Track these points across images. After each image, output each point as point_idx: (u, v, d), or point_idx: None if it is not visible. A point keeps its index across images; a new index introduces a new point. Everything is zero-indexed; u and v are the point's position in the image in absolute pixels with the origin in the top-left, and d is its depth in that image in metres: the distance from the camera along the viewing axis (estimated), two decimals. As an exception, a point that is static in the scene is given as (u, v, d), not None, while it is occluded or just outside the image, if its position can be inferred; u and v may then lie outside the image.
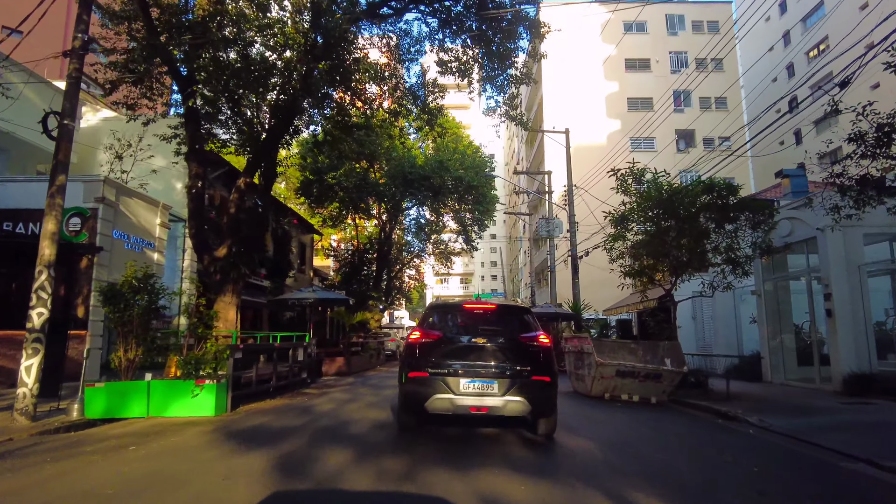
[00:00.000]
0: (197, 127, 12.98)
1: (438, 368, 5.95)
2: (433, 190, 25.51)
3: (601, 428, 7.47)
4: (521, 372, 5.92)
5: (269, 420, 7.50)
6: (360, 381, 14.21)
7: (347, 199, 25.24)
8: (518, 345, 6.14)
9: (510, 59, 14.01)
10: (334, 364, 16.19)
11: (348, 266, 28.87)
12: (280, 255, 23.84)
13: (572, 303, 21.24)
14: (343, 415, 7.95)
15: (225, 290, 13.46)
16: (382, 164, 26.19)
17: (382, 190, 24.82)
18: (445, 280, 76.22)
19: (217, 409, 8.01)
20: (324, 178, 25.31)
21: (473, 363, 5.98)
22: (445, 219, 32.06)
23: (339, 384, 13.50)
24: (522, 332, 6.26)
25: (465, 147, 26.94)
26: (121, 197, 13.99)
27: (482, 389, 5.86)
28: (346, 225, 30.92)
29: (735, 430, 7.44)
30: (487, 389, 5.85)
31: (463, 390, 5.85)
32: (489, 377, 5.90)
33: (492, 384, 5.86)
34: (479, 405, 5.82)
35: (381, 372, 18.13)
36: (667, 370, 10.40)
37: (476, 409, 5.82)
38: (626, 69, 40.73)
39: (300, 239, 27.38)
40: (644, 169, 13.11)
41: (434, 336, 6.21)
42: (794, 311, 13.50)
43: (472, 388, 5.87)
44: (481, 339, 6.10)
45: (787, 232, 12.30)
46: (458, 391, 5.85)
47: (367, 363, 18.74)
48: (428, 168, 25.17)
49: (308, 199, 26.50)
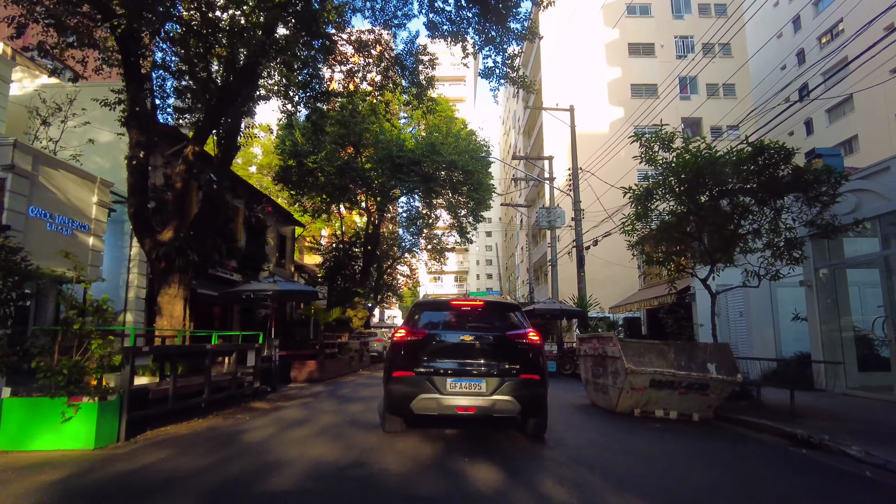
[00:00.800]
0: (140, 87, 10.69)
1: (424, 367, 5.76)
2: (424, 177, 23.18)
3: (651, 468, 5.11)
4: (510, 370, 5.75)
5: (164, 458, 5.10)
6: (330, 391, 11.81)
7: (329, 186, 22.82)
8: (506, 342, 5.94)
9: (510, 14, 11.92)
10: (304, 369, 13.79)
11: (332, 260, 26.46)
12: (254, 246, 21.42)
13: (577, 298, 18.98)
14: (275, 449, 5.54)
15: (170, 281, 11.10)
16: (370, 151, 23.81)
17: (368, 175, 22.41)
18: (440, 278, 73.93)
19: (100, 438, 5.61)
20: (303, 162, 22.92)
21: (460, 362, 5.79)
22: (439, 212, 29.71)
23: (303, 394, 11.10)
24: (510, 330, 6.05)
25: (459, 130, 24.56)
26: (41, 167, 11.50)
27: (469, 389, 5.68)
28: (333, 217, 28.54)
29: (844, 471, 5.12)
30: (475, 389, 5.67)
31: (450, 390, 5.67)
32: (477, 376, 5.71)
33: (479, 383, 5.69)
34: (466, 405, 5.63)
35: (362, 377, 15.73)
36: (715, 379, 8.08)
37: (463, 410, 5.63)
38: (630, 54, 38.61)
39: (280, 231, 24.96)
40: (674, 133, 10.80)
41: (420, 334, 5.99)
42: (852, 305, 11.26)
43: (459, 387, 5.69)
44: (468, 336, 5.92)
45: (850, 208, 10.02)
46: (445, 391, 5.66)
47: (346, 367, 16.35)
48: (418, 152, 22.82)
49: (286, 185, 24.08)
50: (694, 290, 15.75)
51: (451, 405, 5.62)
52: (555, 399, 8.86)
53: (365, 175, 21.98)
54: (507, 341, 5.93)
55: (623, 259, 29.00)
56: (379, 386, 7.33)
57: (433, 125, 23.35)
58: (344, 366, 16.26)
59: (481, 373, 5.72)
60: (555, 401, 8.72)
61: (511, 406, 5.66)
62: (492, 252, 76.32)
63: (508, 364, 5.76)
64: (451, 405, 5.61)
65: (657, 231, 11.42)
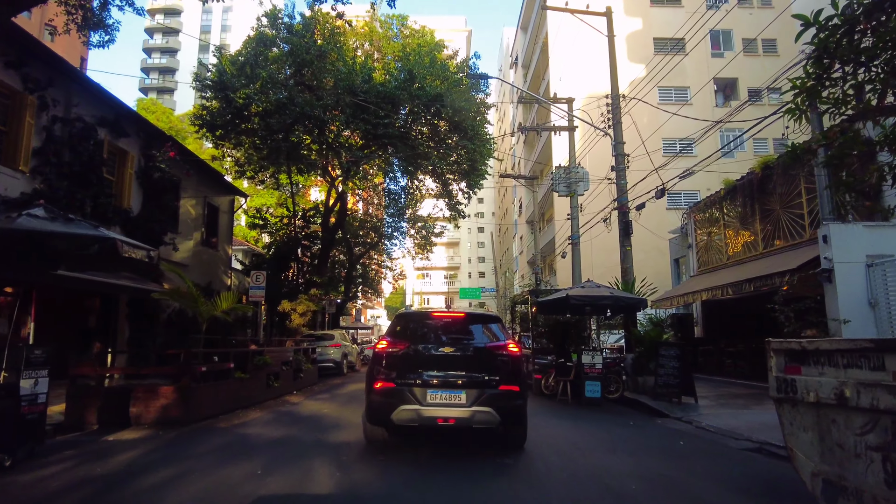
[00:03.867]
0: None
1: (405, 379, 5.74)
2: (398, 130, 16.88)
3: None
4: (490, 381, 5.75)
5: None
6: (169, 454, 5.46)
7: (265, 130, 16.33)
8: (486, 354, 6.00)
9: None
10: (153, 402, 7.32)
11: (279, 241, 20.03)
12: (153, 209, 14.82)
13: (620, 283, 12.70)
14: None
15: None
16: (322, 80, 17.31)
17: (318, 116, 15.94)
18: (427, 275, 67.40)
19: None
20: (231, 98, 16.43)
21: (441, 373, 5.78)
22: (422, 178, 23.27)
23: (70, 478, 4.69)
24: (490, 342, 6.13)
25: (446, 60, 18.14)
26: None
27: (449, 400, 5.69)
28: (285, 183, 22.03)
29: None
30: (455, 400, 5.68)
31: (430, 401, 5.67)
32: (456, 387, 5.72)
33: (459, 394, 5.70)
34: (446, 416, 5.63)
35: (287, 408, 9.35)
36: None
37: (443, 421, 5.63)
38: (652, 3, 32.53)
39: (210, 200, 18.45)
40: None
41: (401, 346, 5.98)
42: None
43: (439, 398, 5.70)
44: (449, 348, 5.98)
45: None
46: (425, 402, 5.66)
47: (256, 391, 9.86)
48: (390, 87, 16.41)
49: (211, 132, 17.57)
50: (831, 261, 9.48)
51: (431, 416, 5.61)
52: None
53: (314, 115, 15.55)
54: (487, 353, 6.00)
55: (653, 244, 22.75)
56: (318, 430, 6.43)
57: (412, 50, 16.99)
58: (253, 390, 9.76)
59: (461, 384, 5.73)
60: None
61: (490, 417, 5.64)
62: (484, 249, 69.96)
63: (488, 376, 5.78)
64: (432, 416, 5.62)
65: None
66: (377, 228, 29.23)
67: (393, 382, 5.70)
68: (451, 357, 5.88)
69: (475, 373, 5.78)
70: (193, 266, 17.11)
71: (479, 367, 5.84)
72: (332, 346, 16.48)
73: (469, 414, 5.58)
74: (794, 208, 12.53)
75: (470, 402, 5.62)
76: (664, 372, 10.58)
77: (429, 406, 5.60)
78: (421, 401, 5.61)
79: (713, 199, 16.33)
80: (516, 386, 5.80)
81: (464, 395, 5.64)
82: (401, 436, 6.51)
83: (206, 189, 18.33)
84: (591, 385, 10.39)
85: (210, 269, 18.55)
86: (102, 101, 12.55)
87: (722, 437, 7.32)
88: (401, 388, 5.66)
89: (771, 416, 8.42)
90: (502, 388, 5.71)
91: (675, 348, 10.55)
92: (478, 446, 6.33)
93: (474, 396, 5.63)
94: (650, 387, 11.31)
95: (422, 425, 5.71)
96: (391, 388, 5.69)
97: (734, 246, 15.49)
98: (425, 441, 6.47)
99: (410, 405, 5.57)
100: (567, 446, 6.54)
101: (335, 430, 7.19)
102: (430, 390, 5.65)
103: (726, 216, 15.79)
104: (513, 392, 5.75)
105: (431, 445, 6.32)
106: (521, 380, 5.94)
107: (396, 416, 5.59)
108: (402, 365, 5.80)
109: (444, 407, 5.62)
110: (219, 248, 19.71)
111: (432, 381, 5.67)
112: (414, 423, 5.65)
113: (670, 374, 10.44)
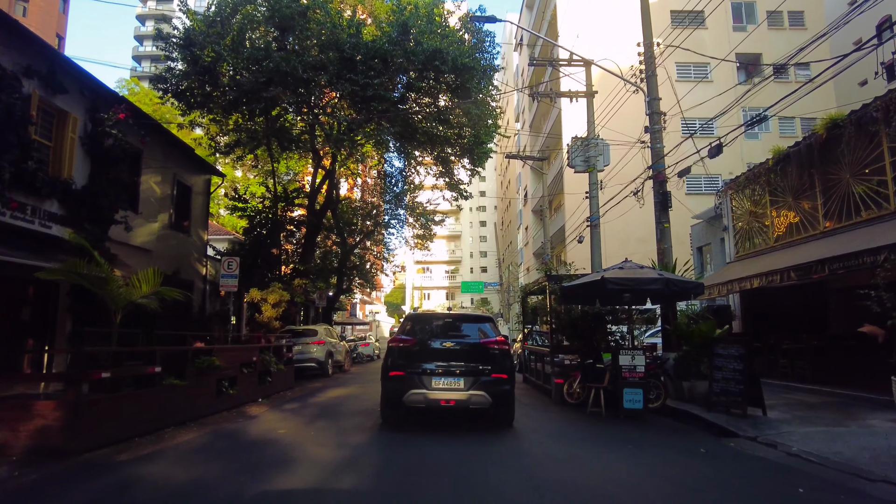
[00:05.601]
0: None
1: (414, 368, 6.76)
2: (389, 87, 14.59)
3: None
4: (483, 370, 6.78)
5: None
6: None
7: (236, 91, 14.01)
8: (480, 348, 7.01)
9: None
10: (26, 423, 5.06)
11: (258, 223, 17.75)
12: (101, 181, 12.51)
13: (657, 264, 10.40)
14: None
15: None
16: (305, 44, 14.99)
17: (298, 76, 13.59)
18: (428, 269, 65.09)
19: None
20: (198, 56, 14.13)
21: (443, 364, 6.80)
22: (424, 161, 20.91)
23: None
24: (484, 338, 7.11)
25: (446, 16, 15.74)
26: None
27: (450, 385, 6.69)
28: (264, 162, 19.73)
29: None
30: (455, 385, 6.68)
31: (434, 386, 6.66)
32: (456, 375, 6.73)
33: (458, 381, 6.69)
34: (447, 398, 6.62)
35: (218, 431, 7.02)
36: None
37: (445, 402, 6.62)
38: (670, -29, 30.17)
39: (180, 179, 16.25)
40: None
41: (410, 341, 7.00)
42: None
43: (442, 384, 6.68)
44: (450, 343, 7.04)
45: None
46: (430, 387, 6.64)
47: (204, 403, 7.57)
48: (381, 44, 14.08)
49: (177, 98, 15.28)
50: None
51: (435, 399, 6.62)
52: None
53: (293, 72, 13.23)
54: (481, 347, 7.03)
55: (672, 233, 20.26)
56: (251, 469, 5.04)
57: (409, 9, 14.61)
58: (195, 401, 7.46)
59: (460, 372, 6.75)
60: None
61: (484, 400, 6.66)
62: (487, 243, 67.55)
63: (482, 365, 6.83)
64: (436, 399, 6.62)
65: None
66: (373, 216, 26.93)
67: (404, 371, 6.73)
68: (452, 350, 6.95)
69: (471, 363, 6.82)
70: (158, 251, 14.88)
71: (475, 358, 6.88)
72: (314, 343, 14.16)
73: (466, 397, 6.60)
74: (871, 175, 10.22)
75: (467, 387, 6.65)
76: (722, 376, 8.30)
77: (433, 390, 6.61)
78: (427, 386, 6.62)
79: (758, 171, 13.98)
80: (505, 374, 6.89)
81: (462, 381, 6.68)
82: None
83: (176, 165, 16.06)
84: (630, 393, 8.11)
85: (179, 256, 16.29)
86: (29, 46, 10.25)
87: (841, 475, 5.04)
88: (410, 376, 6.68)
89: (886, 439, 6.13)
90: (494, 376, 6.78)
91: (736, 346, 8.26)
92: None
93: (471, 382, 6.67)
94: (700, 394, 9.02)
95: (427, 406, 6.69)
96: (402, 375, 6.72)
97: (780, 227, 13.18)
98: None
99: (418, 389, 6.60)
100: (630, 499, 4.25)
101: (279, 468, 4.91)
102: (434, 377, 6.68)
103: (774, 191, 13.46)
104: (502, 379, 6.86)
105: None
106: (509, 369, 7.02)
107: (407, 399, 6.61)
108: (411, 357, 6.84)
109: (446, 391, 6.62)
110: (191, 233, 17.44)
111: (436, 370, 6.73)
112: (421, 405, 6.65)
113: (731, 378, 8.15)
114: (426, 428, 6.95)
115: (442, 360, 6.80)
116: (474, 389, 6.61)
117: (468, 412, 7.04)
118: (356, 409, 8.83)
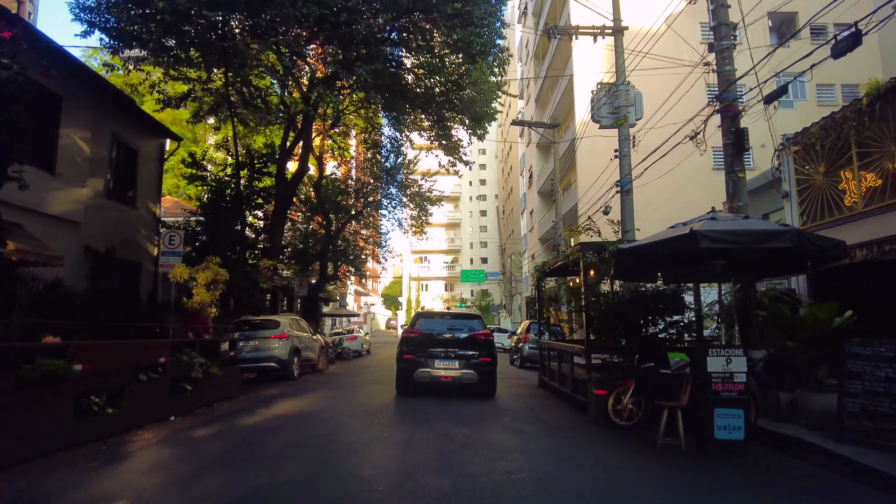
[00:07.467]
0: None
1: (421, 353, 9.26)
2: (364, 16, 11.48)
3: None
4: (473, 355, 9.28)
5: None
6: None
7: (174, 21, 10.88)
8: (471, 338, 9.50)
9: None
10: None
11: (216, 195, 14.71)
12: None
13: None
14: None
15: None
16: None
17: None
18: (426, 259, 62.03)
19: None
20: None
21: (443, 350, 9.31)
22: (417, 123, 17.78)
23: None
24: (474, 330, 9.67)
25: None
26: None
27: (448, 366, 9.15)
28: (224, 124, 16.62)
29: None
30: (451, 366, 9.16)
31: (436, 366, 9.14)
32: (452, 358, 9.22)
33: (454, 363, 9.19)
34: (446, 375, 9.09)
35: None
36: None
37: (444, 378, 9.09)
38: (694, -80, 26.98)
39: (121, 139, 13.22)
40: None
41: (419, 333, 9.57)
42: None
43: (442, 365, 9.16)
44: (448, 335, 9.54)
45: None
46: (434, 367, 9.14)
47: (48, 432, 4.61)
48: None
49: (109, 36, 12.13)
50: None
51: (437, 376, 9.11)
52: None
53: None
54: (472, 337, 9.52)
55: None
56: None
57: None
58: (23, 430, 4.47)
59: (455, 356, 9.24)
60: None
61: (472, 377, 9.13)
62: (487, 233, 64.42)
63: (472, 351, 9.32)
64: (437, 376, 9.11)
65: None
66: (363, 193, 23.88)
67: (414, 355, 9.28)
68: (450, 340, 9.48)
69: (464, 349, 9.34)
70: (89, 224, 11.89)
71: (467, 346, 9.41)
72: (275, 337, 11.17)
73: (460, 374, 9.11)
74: None
75: (461, 367, 9.16)
76: (864, 388, 5.34)
77: (436, 369, 9.12)
78: (431, 366, 9.14)
79: (837, 119, 10.87)
80: (489, 358, 9.39)
81: (457, 363, 9.19)
82: None
83: (116, 123, 13.00)
84: (726, 416, 5.15)
85: (120, 231, 13.23)
86: None
87: None
88: (419, 358, 9.22)
89: None
90: (481, 359, 9.29)
91: (889, 343, 5.29)
92: None
93: (463, 364, 9.19)
94: (815, 412, 6.06)
95: (431, 381, 9.13)
96: (413, 358, 9.25)
97: (857, 190, 10.08)
98: None
99: (425, 369, 9.13)
100: None
101: None
102: (436, 360, 9.20)
103: (863, 142, 10.35)
104: (487, 362, 9.34)
105: None
106: (492, 354, 9.54)
107: (416, 375, 9.18)
108: (420, 344, 9.37)
109: (445, 370, 9.12)
110: (137, 206, 14.38)
111: (438, 354, 9.25)
112: (426, 380, 9.15)
113: (883, 392, 5.20)
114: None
115: (442, 347, 9.29)
116: (465, 369, 9.10)
117: (461, 386, 9.22)
118: (299, 443, 5.78)
